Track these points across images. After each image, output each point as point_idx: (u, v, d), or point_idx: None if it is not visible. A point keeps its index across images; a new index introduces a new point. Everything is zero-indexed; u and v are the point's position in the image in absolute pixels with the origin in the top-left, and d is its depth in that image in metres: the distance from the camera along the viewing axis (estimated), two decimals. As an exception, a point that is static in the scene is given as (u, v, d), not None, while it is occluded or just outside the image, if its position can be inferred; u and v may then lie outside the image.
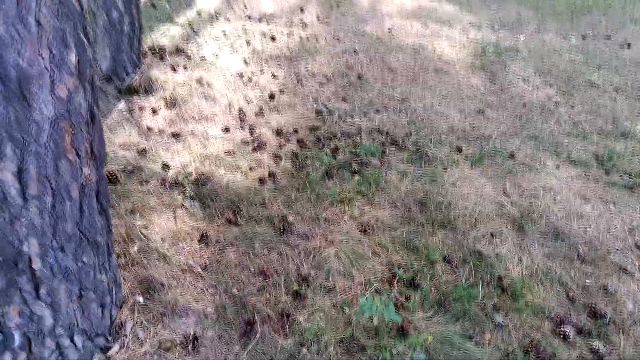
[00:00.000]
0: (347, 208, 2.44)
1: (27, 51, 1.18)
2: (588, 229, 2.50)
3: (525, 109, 3.74)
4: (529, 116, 3.62)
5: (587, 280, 2.19)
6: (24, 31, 1.16)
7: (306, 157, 2.81)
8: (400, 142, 3.09)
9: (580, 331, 1.96)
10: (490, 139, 3.26)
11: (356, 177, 2.67)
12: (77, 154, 1.37)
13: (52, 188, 1.31)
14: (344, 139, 3.05)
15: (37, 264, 1.37)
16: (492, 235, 2.36)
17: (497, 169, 2.94)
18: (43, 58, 1.21)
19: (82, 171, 1.40)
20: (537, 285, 2.12)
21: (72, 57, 1.30)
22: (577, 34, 5.45)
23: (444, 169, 2.86)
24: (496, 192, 2.72)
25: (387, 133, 3.17)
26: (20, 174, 1.23)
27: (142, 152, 2.70)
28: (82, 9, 1.35)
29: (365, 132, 3.18)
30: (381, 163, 2.83)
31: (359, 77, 3.89)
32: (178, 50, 3.80)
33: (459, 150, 3.06)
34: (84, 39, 1.34)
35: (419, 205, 2.52)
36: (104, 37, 3.26)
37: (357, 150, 2.91)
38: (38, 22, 1.19)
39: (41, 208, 1.30)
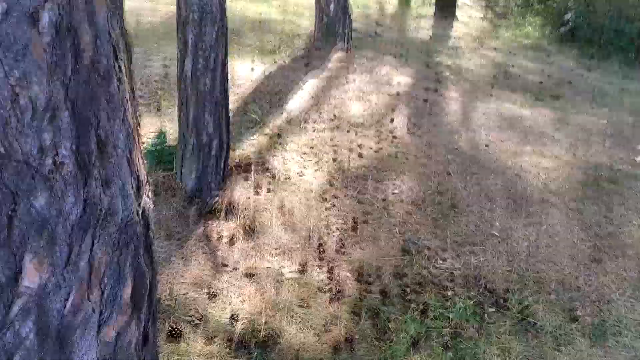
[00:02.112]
0: (436, 401, 2.04)
1: (73, 297, 1.00)
2: None
3: (652, 257, 3.16)
4: (658, 269, 3.05)
5: None
6: (72, 277, 0.99)
7: (389, 318, 2.47)
8: (501, 300, 2.66)
9: None
10: (613, 303, 2.73)
11: (449, 354, 2.27)
12: (122, 394, 1.16)
13: None
14: (434, 291, 2.68)
15: None
16: None
17: (626, 351, 2.40)
18: (91, 300, 1.03)
19: (126, 409, 1.19)
20: None
21: (127, 292, 1.11)
22: None
23: (557, 347, 2.38)
24: (626, 389, 2.19)
25: (485, 287, 2.76)
26: None
27: (212, 297, 2.51)
28: (148, 228, 1.18)
29: (459, 282, 2.79)
30: (479, 334, 2.41)
31: (452, 205, 3.55)
32: (263, 167, 3.72)
33: (574, 319, 2.57)
34: (145, 267, 1.17)
35: (527, 405, 2.06)
36: (192, 159, 3.24)
37: (450, 310, 2.53)
38: (90, 264, 1.01)
39: None
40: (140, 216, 1.15)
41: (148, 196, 1.21)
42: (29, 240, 0.94)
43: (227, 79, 3.26)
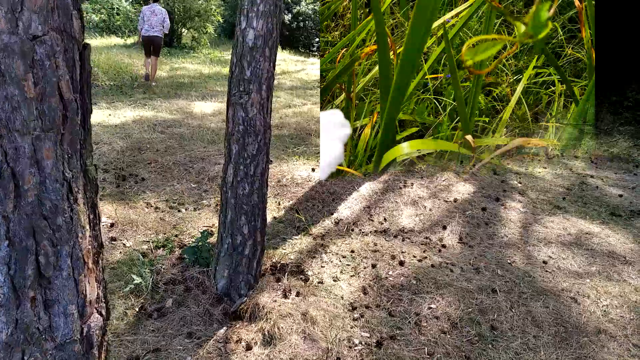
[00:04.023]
0: None
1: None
2: None
3: None
4: None
5: None
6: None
7: None
8: None
9: None
10: None
11: None
12: None
13: None
14: None
15: None
16: None
17: None
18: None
19: None
20: None
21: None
22: None
23: None
24: None
25: None
26: None
27: (214, 406, 2.48)
28: (91, 347, 1.26)
29: (481, 420, 2.52)
30: None
31: (493, 327, 3.29)
32: (299, 269, 3.75)
33: None
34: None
35: None
36: (225, 258, 3.37)
37: None
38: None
39: None
40: (82, 335, 1.23)
41: (101, 314, 1.30)
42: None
43: (267, 186, 3.44)
